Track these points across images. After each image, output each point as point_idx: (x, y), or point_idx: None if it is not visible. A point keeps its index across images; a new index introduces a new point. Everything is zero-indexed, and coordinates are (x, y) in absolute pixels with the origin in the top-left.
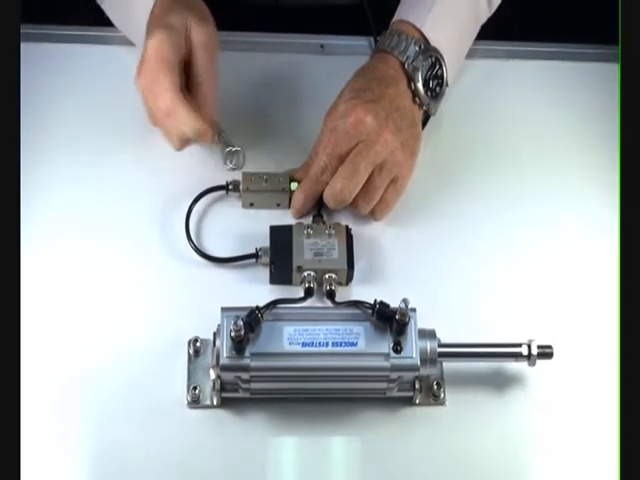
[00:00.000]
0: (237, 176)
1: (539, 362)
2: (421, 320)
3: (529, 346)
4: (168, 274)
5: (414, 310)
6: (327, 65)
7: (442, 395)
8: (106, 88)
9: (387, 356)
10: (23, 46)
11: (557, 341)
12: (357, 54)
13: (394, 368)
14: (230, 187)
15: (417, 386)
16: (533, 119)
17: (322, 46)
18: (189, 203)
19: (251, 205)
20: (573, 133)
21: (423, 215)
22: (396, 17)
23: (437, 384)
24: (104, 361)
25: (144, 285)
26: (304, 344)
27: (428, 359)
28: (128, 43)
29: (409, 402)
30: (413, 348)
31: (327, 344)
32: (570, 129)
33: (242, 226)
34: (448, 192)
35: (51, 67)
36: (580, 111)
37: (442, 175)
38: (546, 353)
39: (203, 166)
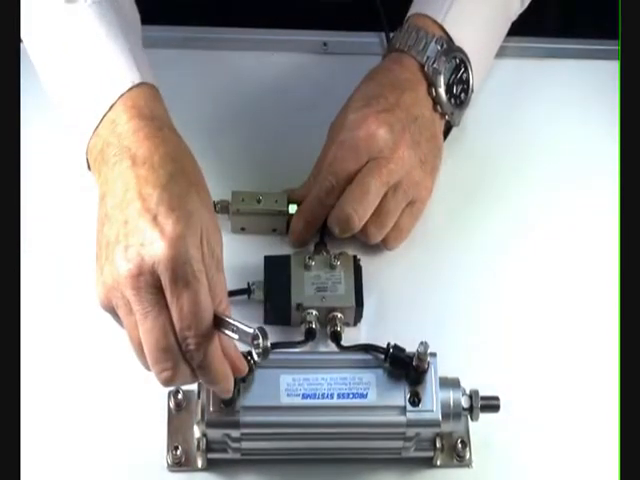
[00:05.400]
0: (226, 195)
1: (576, 419)
2: (442, 367)
3: (471, 397)
4: None
5: (434, 355)
6: (331, 66)
7: (468, 455)
8: None
9: (403, 409)
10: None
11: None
12: (366, 53)
13: (411, 423)
14: (218, 208)
15: (438, 445)
16: (572, 126)
17: (325, 44)
18: None
19: (242, 230)
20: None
21: (444, 243)
22: (412, 11)
23: (462, 442)
24: (68, 416)
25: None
26: (305, 396)
27: (451, 413)
28: None
29: (429, 463)
30: (433, 400)
31: (332, 396)
32: (615, 135)
33: (231, 255)
34: (473, 214)
35: None
36: None
37: (466, 195)
38: (491, 405)
39: None
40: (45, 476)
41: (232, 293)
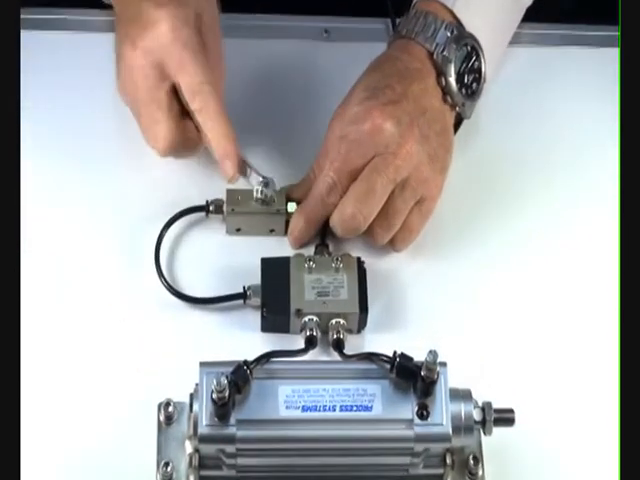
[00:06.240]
0: (220, 194)
1: (596, 433)
2: (453, 377)
3: (483, 410)
4: (133, 318)
5: (444, 365)
6: (332, 54)
7: (480, 472)
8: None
9: (410, 423)
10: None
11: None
12: (370, 40)
13: (419, 438)
14: (211, 208)
15: (448, 461)
16: (593, 118)
17: (326, 31)
18: (160, 228)
19: (238, 231)
20: None
21: (454, 244)
22: None
23: (474, 458)
24: (53, 430)
25: (103, 332)
26: (305, 408)
27: (462, 426)
28: None
29: None
30: (443, 413)
31: (334, 408)
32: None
33: (226, 258)
34: (487, 213)
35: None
36: None
37: (479, 192)
38: (505, 418)
39: (177, 180)
40: None
41: (226, 298)
